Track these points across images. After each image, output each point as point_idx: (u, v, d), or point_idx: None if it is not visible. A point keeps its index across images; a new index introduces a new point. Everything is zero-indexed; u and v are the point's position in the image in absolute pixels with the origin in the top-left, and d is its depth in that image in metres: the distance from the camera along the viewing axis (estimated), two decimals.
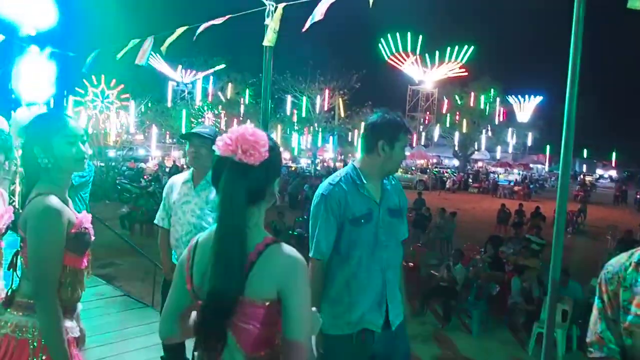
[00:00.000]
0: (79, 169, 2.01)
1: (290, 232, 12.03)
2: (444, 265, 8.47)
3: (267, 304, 1.42)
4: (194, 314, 1.56)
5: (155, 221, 3.55)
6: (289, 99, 41.41)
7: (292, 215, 14.40)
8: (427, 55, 53.81)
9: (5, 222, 2.33)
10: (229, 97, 42.39)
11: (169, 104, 41.91)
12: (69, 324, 1.94)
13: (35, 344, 1.83)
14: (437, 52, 53.26)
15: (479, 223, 17.67)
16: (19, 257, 1.96)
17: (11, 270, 1.99)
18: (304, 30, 3.92)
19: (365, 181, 2.56)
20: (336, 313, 2.50)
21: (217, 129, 1.69)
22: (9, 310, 1.90)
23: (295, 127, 43.41)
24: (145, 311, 5.21)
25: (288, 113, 42.42)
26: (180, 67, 43.30)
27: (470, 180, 38.51)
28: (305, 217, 13.32)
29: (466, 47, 51.69)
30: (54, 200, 1.86)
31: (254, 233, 1.47)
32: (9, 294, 1.97)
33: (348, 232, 2.52)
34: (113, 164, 24.82)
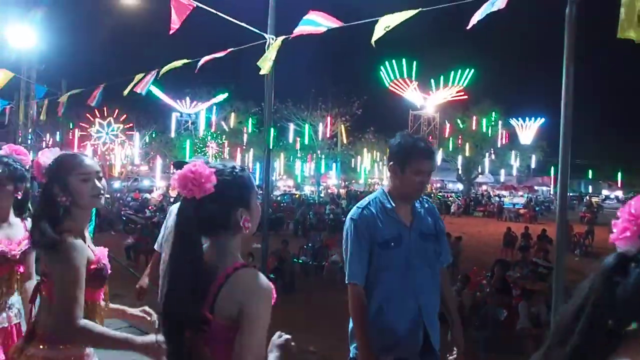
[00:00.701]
0: (96, 205, 2.09)
1: (295, 260, 11.99)
2: None
3: (230, 323, 1.46)
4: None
5: (156, 246, 3.63)
6: (292, 127, 41.73)
7: (297, 243, 14.36)
8: (429, 80, 54.41)
9: (22, 249, 2.42)
10: (232, 126, 42.75)
11: (173, 134, 42.23)
12: (89, 350, 2.00)
13: None
14: (437, 77, 53.90)
15: (484, 247, 17.57)
16: (39, 290, 2.02)
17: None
18: (290, 37, 4.00)
19: (393, 204, 2.55)
20: (372, 337, 2.46)
21: (209, 159, 1.70)
22: (32, 344, 1.94)
23: (298, 155, 43.63)
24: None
25: (291, 141, 42.70)
26: (185, 99, 43.78)
27: (472, 203, 38.41)
28: (309, 245, 13.29)
29: (467, 70, 52.26)
30: (77, 243, 1.92)
31: (223, 260, 1.52)
32: (30, 328, 2.03)
33: (377, 256, 2.52)
34: (118, 195, 24.96)
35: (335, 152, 42.73)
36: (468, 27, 3.58)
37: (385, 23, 3.45)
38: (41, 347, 1.92)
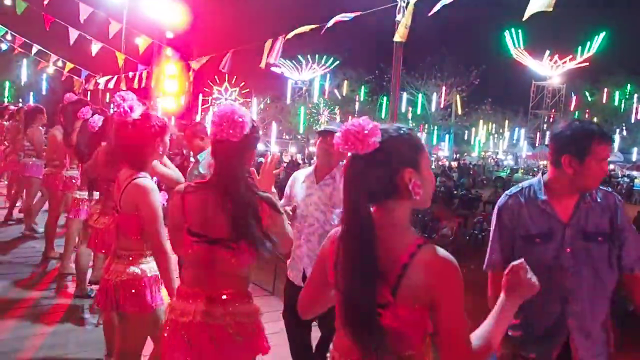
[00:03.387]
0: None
1: None
2: None
3: (418, 307, 1.36)
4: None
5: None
6: (404, 95, 41.03)
7: None
8: (556, 46, 50.38)
9: None
10: (344, 94, 42.96)
11: (288, 101, 43.36)
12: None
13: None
14: (568, 43, 49.63)
15: None
16: None
17: None
18: (430, 14, 3.86)
19: (546, 196, 2.30)
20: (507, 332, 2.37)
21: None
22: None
23: (411, 124, 42.91)
24: (269, 299, 5.45)
25: (403, 110, 42.06)
26: (301, 64, 44.57)
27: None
28: (420, 216, 13.14)
29: (598, 36, 47.35)
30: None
31: (399, 234, 1.41)
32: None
33: (519, 249, 2.33)
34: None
35: (448, 123, 41.46)
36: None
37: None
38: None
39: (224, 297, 2.01)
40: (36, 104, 7.11)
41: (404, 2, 3.77)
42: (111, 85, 12.11)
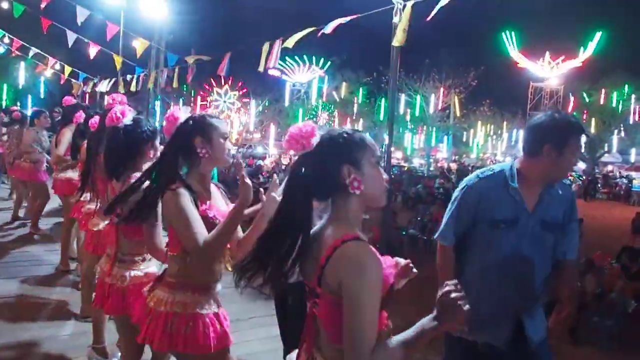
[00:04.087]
0: (226, 163, 2.21)
1: (404, 232, 11.92)
2: None
3: (336, 298, 1.39)
4: None
5: None
6: (402, 97, 41.04)
7: (406, 215, 14.23)
8: (553, 48, 50.38)
9: None
10: (342, 96, 42.97)
11: (287, 103, 43.37)
12: (203, 299, 2.14)
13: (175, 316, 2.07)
14: (564, 44, 49.58)
15: (609, 232, 16.28)
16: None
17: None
18: (428, 18, 3.86)
19: (517, 184, 2.34)
20: None
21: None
22: (158, 287, 2.16)
23: (409, 126, 42.91)
24: (270, 303, 5.44)
25: (402, 112, 42.06)
26: (299, 66, 44.59)
27: (599, 185, 35.52)
28: (419, 218, 13.13)
29: (597, 34, 47.14)
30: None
31: (335, 229, 1.47)
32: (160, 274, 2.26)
33: (482, 233, 2.37)
34: (233, 160, 26.20)
35: (447, 125, 41.45)
36: None
37: None
38: (161, 290, 2.12)
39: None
40: (39, 108, 7.11)
41: (401, 4, 3.76)
42: (109, 87, 12.10)
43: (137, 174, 2.56)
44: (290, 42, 4.83)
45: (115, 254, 2.60)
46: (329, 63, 43.11)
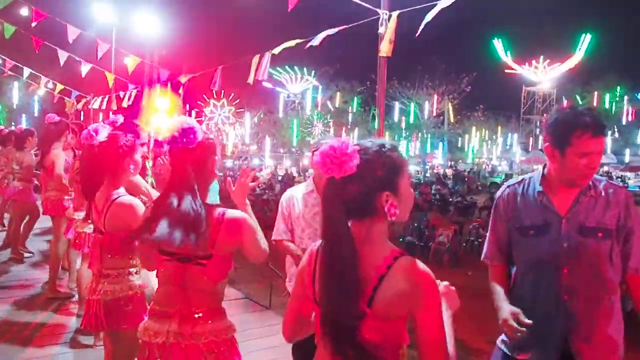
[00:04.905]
0: (215, 177, 2.19)
1: (400, 239, 11.91)
2: None
3: (394, 317, 1.38)
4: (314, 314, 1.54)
5: (276, 237, 3.28)
6: (397, 105, 41.19)
7: (402, 222, 14.25)
8: (544, 52, 50.69)
9: None
10: (337, 106, 43.10)
11: (280, 114, 43.46)
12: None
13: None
14: (555, 47, 49.90)
15: None
16: None
17: None
18: (417, 34, 3.90)
19: (542, 187, 2.17)
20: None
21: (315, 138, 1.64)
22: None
23: (404, 134, 43.04)
24: (266, 314, 5.44)
25: (396, 120, 42.20)
26: (292, 78, 44.77)
27: None
28: (415, 224, 13.14)
29: (585, 36, 47.50)
30: None
31: (375, 247, 1.42)
32: None
33: (516, 242, 2.23)
34: (231, 173, 26.23)
35: (441, 131, 41.62)
36: None
37: None
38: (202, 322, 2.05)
39: (197, 315, 1.99)
40: (27, 128, 7.10)
41: (386, 15, 3.80)
42: (100, 105, 12.14)
43: (120, 191, 2.58)
44: (277, 50, 4.87)
45: (100, 270, 2.61)
46: (321, 73, 43.24)
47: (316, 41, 4.52)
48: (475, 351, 5.52)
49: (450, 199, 20.55)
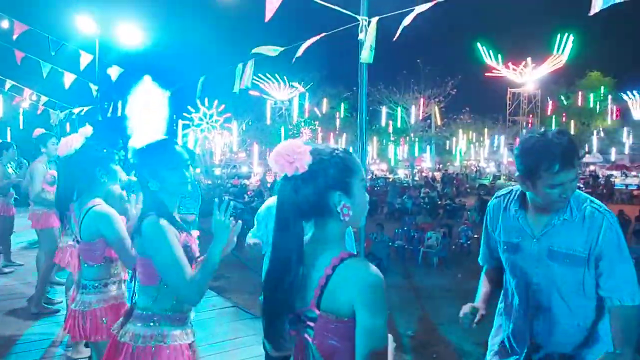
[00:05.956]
0: (183, 192, 2.18)
1: (391, 244, 11.92)
2: None
3: (340, 317, 1.38)
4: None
5: (250, 242, 3.29)
6: (384, 110, 41.33)
7: (392, 226, 14.27)
8: (528, 53, 51.23)
9: None
10: (324, 112, 43.17)
11: (268, 122, 43.44)
12: (178, 331, 2.10)
13: (154, 349, 2.01)
14: (538, 49, 50.44)
15: None
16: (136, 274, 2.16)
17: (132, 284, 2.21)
18: (394, 39, 3.92)
19: (519, 206, 2.16)
20: (495, 331, 2.32)
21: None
22: (130, 321, 2.11)
23: (391, 138, 43.20)
24: (256, 322, 5.41)
25: (383, 124, 42.34)
26: (279, 85, 44.81)
27: (582, 186, 35.98)
28: (405, 228, 13.17)
29: (567, 36, 48.06)
30: (162, 222, 2.02)
31: (327, 248, 1.44)
32: (129, 306, 2.19)
33: (501, 253, 2.26)
34: (219, 181, 26.15)
35: (429, 135, 41.81)
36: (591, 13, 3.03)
37: None
38: (134, 324, 2.08)
39: None
40: (3, 141, 7.04)
41: (366, 21, 3.82)
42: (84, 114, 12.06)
43: (97, 200, 2.57)
44: (259, 49, 4.85)
45: (78, 280, 2.61)
46: (307, 80, 43.32)
47: (299, 52, 4.53)
48: (465, 353, 5.54)
49: (439, 202, 20.64)
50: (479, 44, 50.01)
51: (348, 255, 1.42)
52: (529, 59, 50.89)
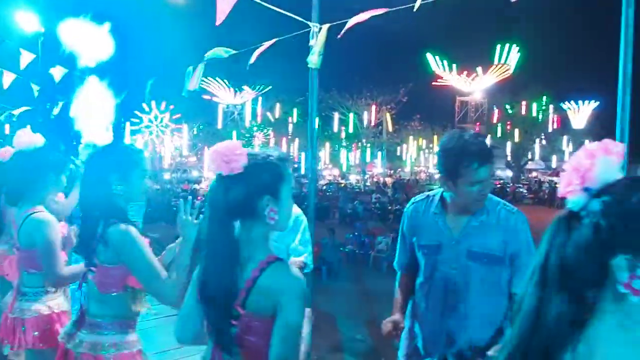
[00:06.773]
0: (141, 200, 2.19)
1: (342, 249, 12.00)
2: None
3: (263, 319, 1.43)
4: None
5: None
6: (336, 116, 41.67)
7: (343, 231, 14.36)
8: (475, 63, 52.94)
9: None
10: (277, 117, 43.11)
11: (220, 126, 42.96)
12: (132, 337, 2.08)
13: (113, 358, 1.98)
14: (483, 59, 52.26)
15: (534, 234, 17.08)
16: (88, 279, 2.09)
17: (79, 291, 2.14)
18: (339, 36, 3.94)
19: (439, 211, 2.22)
20: (406, 335, 2.34)
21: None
22: (81, 330, 2.04)
23: (344, 144, 43.57)
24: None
25: (335, 130, 42.67)
26: (230, 89, 44.42)
27: (525, 192, 37.33)
28: (356, 233, 13.29)
29: (510, 46, 49.96)
30: (130, 228, 2.01)
31: (255, 250, 1.48)
32: (79, 315, 2.12)
33: (420, 257, 2.30)
34: (168, 186, 25.61)
35: (380, 141, 42.46)
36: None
37: None
38: (88, 332, 2.03)
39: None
40: None
41: (317, 27, 3.84)
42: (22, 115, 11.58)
43: (38, 207, 2.48)
44: (209, 53, 4.79)
45: (18, 287, 2.52)
46: (260, 85, 43.19)
47: (252, 59, 4.50)
48: None
49: (390, 207, 20.94)
50: (428, 54, 51.32)
51: (275, 259, 1.47)
52: (479, 69, 52.71)
